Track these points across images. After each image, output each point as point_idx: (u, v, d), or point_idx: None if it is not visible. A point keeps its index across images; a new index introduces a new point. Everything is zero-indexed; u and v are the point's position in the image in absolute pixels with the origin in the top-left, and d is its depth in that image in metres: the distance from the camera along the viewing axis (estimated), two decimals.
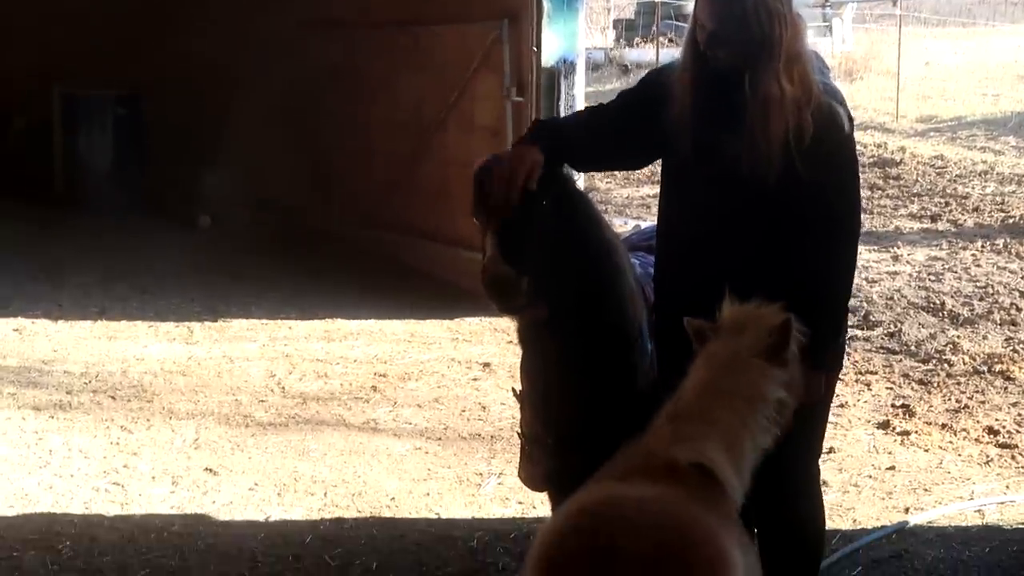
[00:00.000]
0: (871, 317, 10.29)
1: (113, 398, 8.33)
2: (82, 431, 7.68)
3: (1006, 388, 8.59)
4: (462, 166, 11.70)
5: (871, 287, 11.29)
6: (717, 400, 3.83)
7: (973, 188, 16.51)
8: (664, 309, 4.64)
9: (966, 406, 8.21)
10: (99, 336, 9.97)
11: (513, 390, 5.18)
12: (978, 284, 11.47)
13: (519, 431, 5.20)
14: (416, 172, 12.54)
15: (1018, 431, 7.73)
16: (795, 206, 4.26)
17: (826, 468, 6.39)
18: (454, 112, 11.94)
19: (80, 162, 16.20)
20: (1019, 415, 8.02)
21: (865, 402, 8.33)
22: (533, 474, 5.13)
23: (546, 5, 10.56)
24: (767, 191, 4.24)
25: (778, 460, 4.21)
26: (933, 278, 11.75)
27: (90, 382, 8.67)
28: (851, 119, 4.41)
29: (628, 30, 34.92)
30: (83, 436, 7.59)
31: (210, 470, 7.06)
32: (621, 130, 4.59)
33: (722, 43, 4.24)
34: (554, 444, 4.89)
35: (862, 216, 4.49)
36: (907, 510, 6.53)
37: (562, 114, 10.52)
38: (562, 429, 4.85)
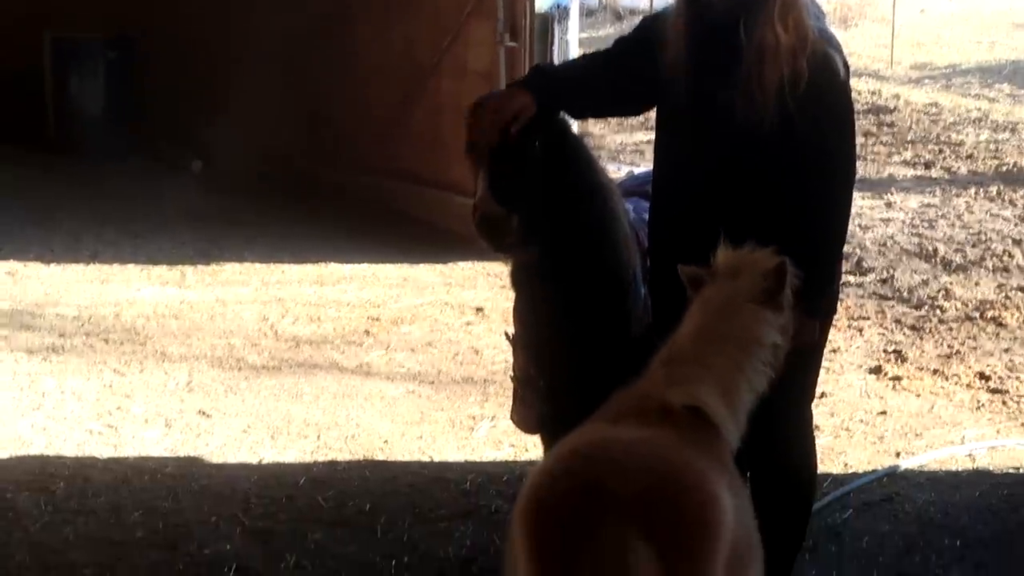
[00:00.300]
0: (864, 263, 10.30)
1: (106, 341, 8.33)
2: (75, 374, 7.68)
3: (997, 334, 8.61)
4: (455, 112, 11.64)
5: (864, 233, 11.28)
6: (712, 344, 3.83)
7: (967, 135, 16.47)
8: (659, 255, 4.63)
9: (958, 352, 8.23)
10: (91, 280, 9.97)
11: (506, 333, 5.18)
12: (971, 231, 11.47)
13: (512, 374, 5.21)
14: (409, 117, 12.48)
15: (1009, 377, 7.75)
16: (789, 153, 4.25)
17: (818, 413, 6.38)
18: (447, 57, 11.87)
19: (71, 107, 16.12)
20: (1010, 361, 8.05)
21: (857, 347, 8.34)
22: (525, 417, 5.14)
23: None
24: (761, 138, 4.23)
25: (771, 404, 4.21)
26: (926, 225, 11.75)
27: (83, 325, 8.67)
28: (847, 66, 4.38)
29: None
30: (76, 379, 7.59)
31: (203, 413, 7.07)
32: (617, 76, 4.58)
33: None
34: (546, 387, 4.90)
35: (856, 163, 4.48)
36: (898, 454, 6.56)
37: (555, 60, 10.49)
38: (554, 372, 4.86)
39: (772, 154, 4.26)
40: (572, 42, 10.77)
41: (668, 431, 3.58)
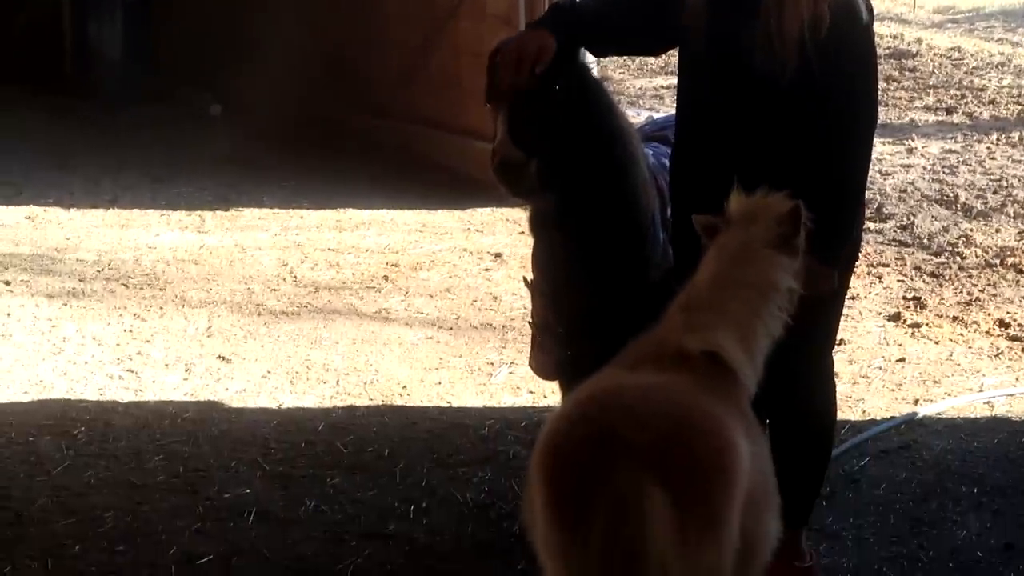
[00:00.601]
0: (884, 210, 10.24)
1: (126, 286, 8.36)
2: (95, 319, 7.72)
3: (1018, 281, 8.56)
4: (474, 55, 11.64)
5: (884, 180, 11.22)
6: (728, 290, 3.83)
7: (989, 80, 16.31)
8: (679, 201, 4.62)
9: (977, 299, 8.20)
10: (111, 224, 9.99)
11: (524, 279, 5.18)
12: (992, 177, 11.39)
13: (530, 320, 5.22)
14: (428, 61, 12.43)
15: None
16: (810, 100, 4.21)
17: (837, 360, 6.34)
18: (466, 0, 11.81)
19: (90, 50, 16.10)
20: None
21: (876, 294, 8.32)
22: (544, 363, 5.15)
23: None
24: (782, 84, 4.20)
25: (791, 351, 4.22)
26: (947, 171, 11.66)
27: (103, 270, 8.70)
28: (871, 9, 4.34)
29: None
30: (96, 323, 7.63)
31: (223, 358, 7.10)
32: (638, 14, 4.54)
33: None
34: (565, 333, 4.90)
35: (878, 109, 4.44)
36: (916, 401, 6.56)
37: None
38: (573, 318, 4.86)
39: (793, 100, 4.23)
40: None
41: (685, 377, 3.60)
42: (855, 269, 4.91)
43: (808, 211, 3.95)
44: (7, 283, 8.32)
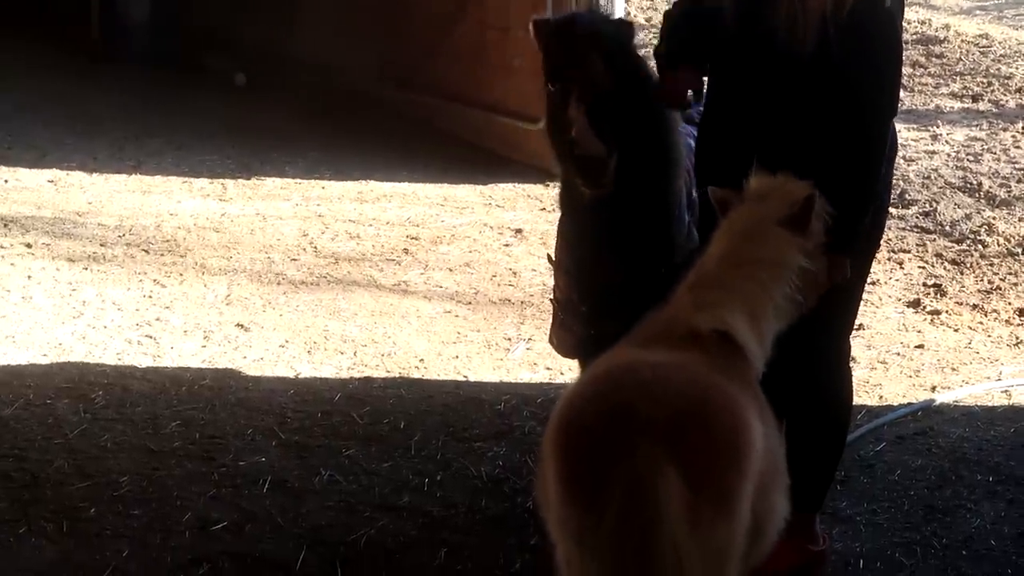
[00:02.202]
0: (907, 196, 10.20)
1: (147, 252, 8.38)
2: (115, 283, 7.74)
3: None
4: (500, 29, 11.63)
5: (908, 166, 11.16)
6: (738, 268, 3.83)
7: (1017, 68, 16.17)
8: (704, 181, 4.61)
9: (998, 287, 8.17)
10: (133, 190, 10.01)
11: (548, 256, 5.18)
12: (1017, 166, 11.31)
13: (552, 297, 5.22)
14: (454, 34, 12.40)
15: None
16: (831, 82, 4.20)
17: (855, 344, 6.37)
18: None
19: (116, 13, 16.10)
20: None
21: (897, 280, 8.30)
22: (565, 341, 5.15)
23: None
24: (804, 67, 4.19)
25: (809, 335, 4.22)
26: (971, 158, 11.59)
27: (124, 235, 8.72)
28: None
29: None
30: (116, 289, 7.65)
31: (241, 326, 7.12)
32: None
33: None
34: (588, 312, 4.90)
35: (901, 94, 4.42)
36: (934, 388, 6.54)
37: None
38: (597, 297, 4.86)
39: (815, 81, 4.22)
40: None
41: (697, 355, 3.61)
42: (876, 255, 4.88)
43: (824, 196, 3.95)
44: (28, 246, 8.35)
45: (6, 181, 10.06)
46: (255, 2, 15.51)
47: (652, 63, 4.66)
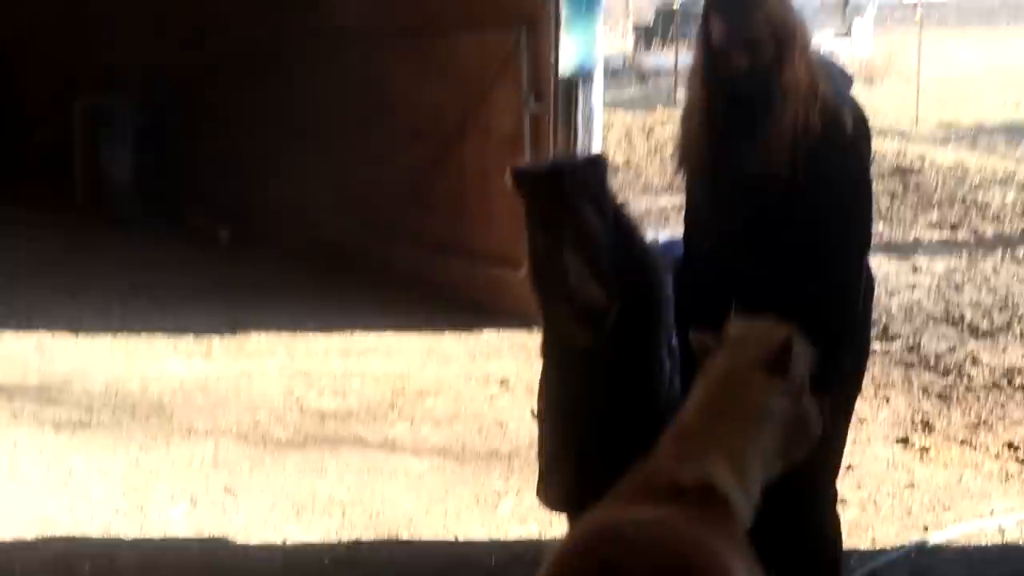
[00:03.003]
0: (890, 329, 10.26)
1: (132, 416, 8.36)
2: (102, 450, 7.71)
3: None
4: (480, 177, 11.76)
5: (890, 298, 11.25)
6: (719, 417, 3.82)
7: (993, 196, 16.43)
8: (684, 326, 4.63)
9: (986, 421, 8.17)
10: (119, 352, 10.02)
11: (532, 410, 5.18)
12: (998, 295, 11.42)
13: (536, 451, 5.21)
14: (434, 183, 12.53)
15: None
16: (800, 216, 4.26)
17: (845, 485, 6.36)
18: (472, 122, 11.93)
19: (101, 174, 16.29)
20: None
21: (884, 417, 8.30)
22: (551, 494, 5.14)
23: (564, 12, 10.56)
24: (776, 200, 4.25)
25: (796, 479, 4.21)
26: (953, 289, 11.70)
27: (110, 400, 8.71)
28: (862, 124, 4.37)
29: (647, 35, 34.92)
30: (103, 455, 7.61)
31: (228, 490, 7.08)
32: None
33: (744, 48, 4.26)
34: (573, 465, 4.89)
35: (881, 226, 4.48)
36: (926, 528, 6.50)
37: (580, 124, 10.54)
38: (582, 450, 4.85)
39: (784, 218, 4.28)
40: (597, 105, 10.82)
41: (681, 509, 3.58)
42: (860, 392, 4.88)
43: (802, 336, 3.96)
44: (14, 414, 8.32)
45: None
46: (238, 157, 15.68)
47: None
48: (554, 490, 5.08)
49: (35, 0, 18.89)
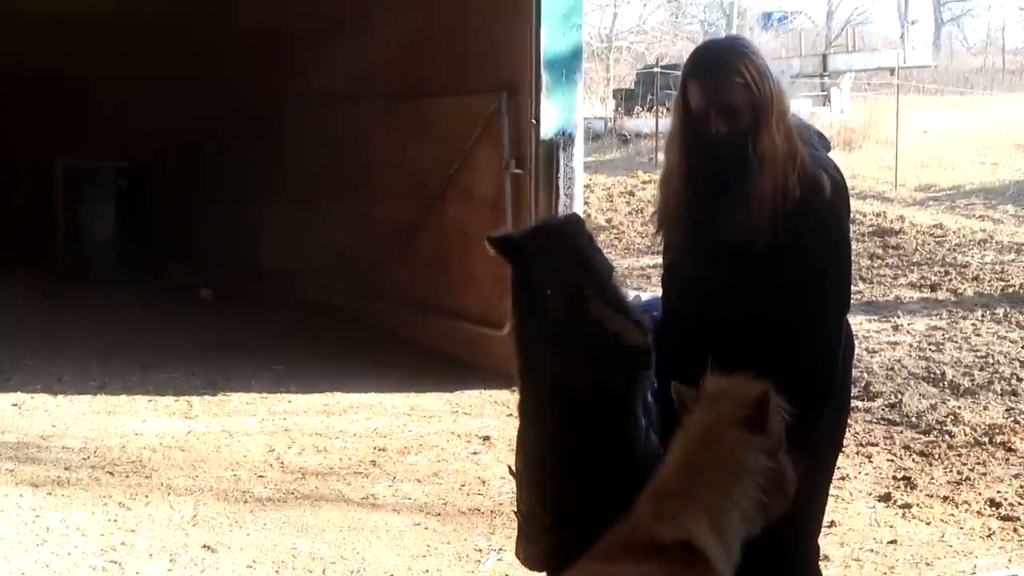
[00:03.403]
0: (871, 388, 10.28)
1: (111, 474, 8.30)
2: (80, 507, 7.64)
3: (1007, 459, 8.56)
4: (462, 238, 11.80)
5: (871, 357, 11.28)
6: (697, 475, 3.80)
7: (972, 257, 16.54)
8: (664, 381, 4.62)
9: (968, 478, 8.18)
10: (98, 411, 9.96)
11: (509, 468, 5.16)
12: (978, 354, 11.46)
13: (515, 509, 5.18)
14: (416, 243, 12.58)
15: (1020, 503, 7.68)
16: (780, 279, 4.27)
17: (827, 542, 6.36)
18: (454, 184, 12.00)
19: (82, 233, 16.29)
20: (1021, 487, 7.98)
21: (866, 474, 8.30)
22: (530, 553, 5.09)
23: (544, 77, 10.66)
24: (755, 264, 4.26)
25: (776, 537, 4.19)
26: (933, 348, 11.74)
27: (88, 458, 8.65)
28: (840, 188, 4.39)
29: (627, 100, 35.16)
30: (81, 513, 7.55)
31: (208, 547, 7.02)
32: None
33: (722, 113, 4.28)
34: (551, 523, 4.86)
35: (861, 286, 4.49)
36: None
37: (561, 187, 10.59)
38: (560, 508, 4.82)
39: (764, 281, 4.29)
40: (578, 168, 10.88)
41: (661, 567, 3.56)
42: (843, 448, 4.87)
43: (779, 394, 3.96)
44: None
45: None
46: (220, 216, 15.71)
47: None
48: (532, 547, 5.04)
49: (18, 58, 18.93)
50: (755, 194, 4.22)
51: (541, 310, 4.60)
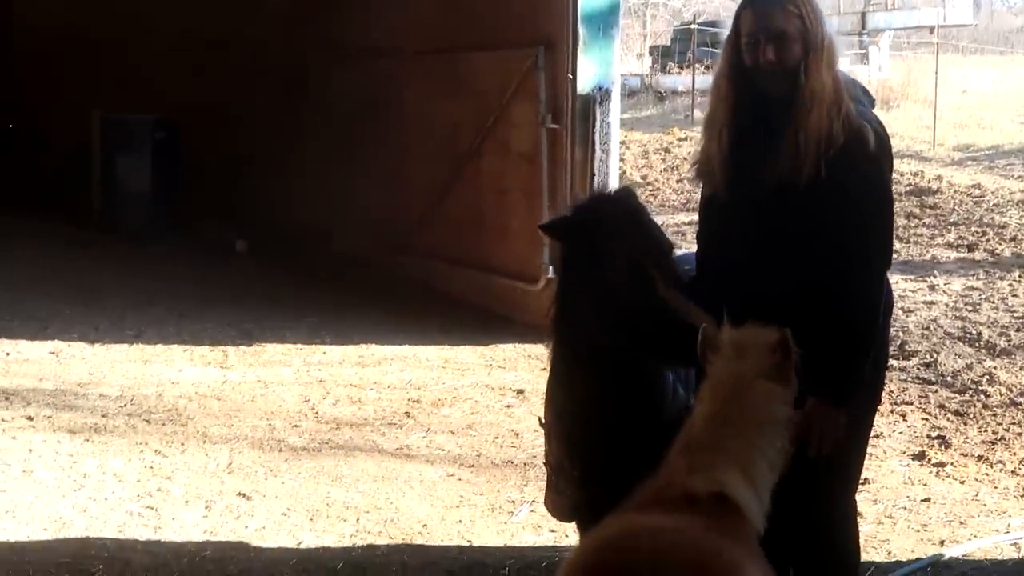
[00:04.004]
0: (907, 347, 10.24)
1: (148, 422, 8.36)
2: (117, 454, 7.70)
3: None
4: (497, 193, 11.79)
5: (907, 317, 11.23)
6: (727, 427, 3.83)
7: (1010, 217, 16.41)
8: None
9: (1002, 438, 8.14)
10: (135, 359, 10.03)
11: (540, 420, 5.17)
12: (1015, 314, 11.39)
13: (545, 461, 5.20)
14: (451, 198, 12.58)
15: None
16: (819, 231, 4.26)
17: (861, 499, 6.31)
18: (489, 139, 11.98)
19: (118, 186, 16.34)
20: None
21: (900, 433, 8.28)
22: (559, 505, 5.12)
23: (582, 32, 10.61)
24: (794, 213, 4.25)
25: (815, 492, 4.20)
26: (970, 308, 11.67)
27: (125, 405, 8.71)
28: (884, 143, 4.36)
29: (664, 56, 34.97)
30: (118, 459, 7.61)
31: (243, 495, 7.07)
32: None
33: (773, 41, 4.28)
34: (580, 476, 4.88)
35: (898, 245, 4.47)
36: (942, 543, 6.47)
37: (597, 142, 10.56)
38: (588, 461, 4.84)
39: (802, 233, 4.27)
40: (614, 124, 10.85)
41: (696, 519, 3.57)
42: (879, 408, 4.86)
43: (815, 347, 3.96)
44: (30, 418, 8.32)
45: (8, 354, 10.08)
46: (254, 171, 15.74)
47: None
48: (561, 499, 5.07)
49: (54, 13, 19.01)
50: (802, 132, 4.21)
51: (603, 291, 4.57)
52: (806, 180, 4.22)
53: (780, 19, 4.29)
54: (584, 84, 10.68)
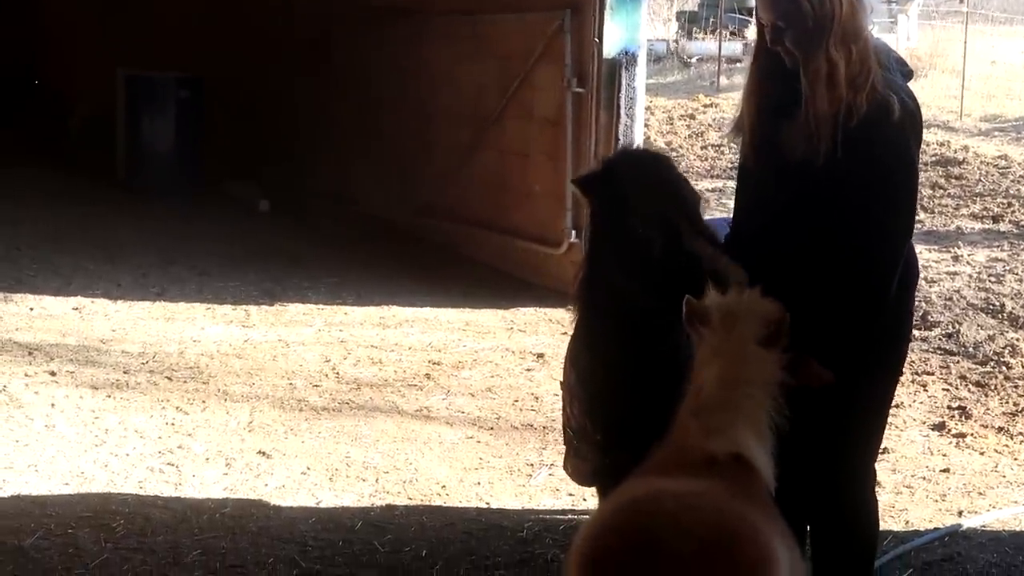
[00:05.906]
0: (929, 317, 10.21)
1: (169, 379, 8.39)
2: (138, 411, 7.74)
3: None
4: (521, 156, 11.77)
5: (930, 287, 11.18)
6: (736, 389, 3.86)
7: None
8: None
9: (1023, 409, 8.12)
10: (157, 317, 10.07)
11: (561, 384, 5.17)
12: None
13: (565, 425, 5.20)
14: (475, 161, 12.56)
15: None
16: (840, 198, 4.24)
17: (880, 469, 6.28)
18: (514, 102, 11.95)
19: (142, 144, 16.34)
20: None
21: (921, 403, 8.26)
22: (579, 469, 5.13)
23: None
24: (817, 182, 4.23)
25: (835, 460, 4.20)
26: (993, 279, 11.62)
27: (147, 362, 8.75)
28: (911, 113, 4.31)
29: (691, 22, 34.80)
30: (139, 416, 7.65)
31: (263, 453, 7.10)
32: None
33: (785, 30, 4.25)
34: (602, 440, 4.88)
35: (922, 215, 4.46)
36: (961, 513, 6.47)
37: (622, 107, 10.53)
38: (611, 426, 4.83)
39: (824, 200, 4.26)
40: (639, 88, 10.80)
41: (716, 481, 3.58)
42: (900, 379, 4.85)
43: (837, 314, 4.00)
44: (52, 373, 8.37)
45: (31, 309, 10.13)
46: (277, 132, 15.74)
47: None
48: (582, 463, 5.07)
49: None
50: (811, 110, 4.20)
51: (633, 244, 4.55)
52: (824, 153, 4.20)
53: (777, 9, 4.27)
54: (610, 48, 10.64)
